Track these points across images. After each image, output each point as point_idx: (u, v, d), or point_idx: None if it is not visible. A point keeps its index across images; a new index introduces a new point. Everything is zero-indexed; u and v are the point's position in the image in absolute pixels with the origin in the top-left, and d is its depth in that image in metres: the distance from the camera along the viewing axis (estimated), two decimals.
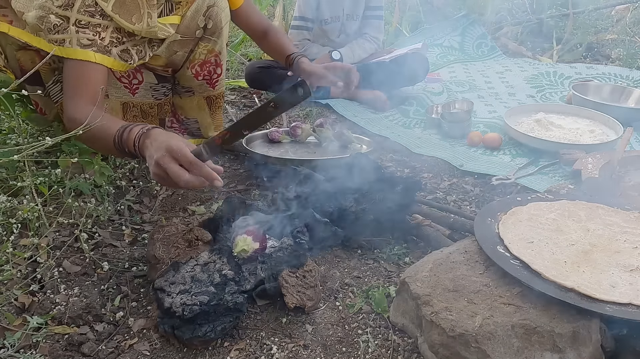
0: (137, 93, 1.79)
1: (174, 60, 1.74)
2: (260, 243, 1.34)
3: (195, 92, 1.88)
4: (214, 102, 1.94)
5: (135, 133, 1.25)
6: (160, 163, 1.13)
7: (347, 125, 2.39)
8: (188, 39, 1.70)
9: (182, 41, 1.69)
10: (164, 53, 1.69)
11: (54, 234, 1.46)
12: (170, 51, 1.70)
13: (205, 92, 1.88)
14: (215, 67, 1.81)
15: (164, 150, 1.14)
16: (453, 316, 1.06)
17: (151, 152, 1.19)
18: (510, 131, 2.26)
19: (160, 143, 1.17)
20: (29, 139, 1.61)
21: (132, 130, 1.27)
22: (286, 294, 1.25)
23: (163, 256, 1.33)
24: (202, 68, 1.78)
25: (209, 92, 1.88)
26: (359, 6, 2.78)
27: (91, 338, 1.19)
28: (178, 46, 1.70)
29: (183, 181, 1.11)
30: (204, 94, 1.89)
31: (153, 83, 1.83)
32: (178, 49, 1.70)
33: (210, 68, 1.80)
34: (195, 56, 1.74)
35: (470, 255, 1.23)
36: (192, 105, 1.90)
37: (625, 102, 2.64)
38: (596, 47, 3.74)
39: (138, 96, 1.79)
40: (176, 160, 1.12)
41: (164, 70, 1.81)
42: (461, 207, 1.77)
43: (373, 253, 1.51)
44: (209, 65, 1.79)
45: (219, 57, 1.79)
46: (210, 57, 1.77)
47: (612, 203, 1.44)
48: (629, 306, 1.03)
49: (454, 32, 3.73)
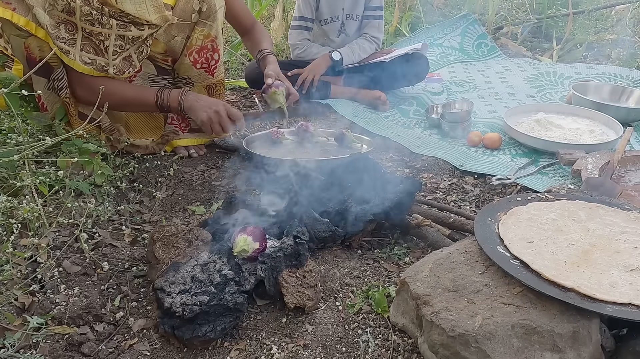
0: (134, 82, 1.84)
1: (173, 47, 1.79)
2: (260, 243, 1.34)
3: (195, 82, 1.90)
4: (215, 90, 1.96)
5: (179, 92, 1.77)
6: (219, 111, 1.74)
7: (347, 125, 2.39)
8: (185, 23, 1.74)
9: (179, 25, 1.75)
10: (162, 37, 1.74)
11: (54, 234, 1.46)
12: (169, 35, 1.75)
13: (205, 80, 1.91)
14: (213, 52, 1.85)
15: (221, 104, 1.77)
16: (453, 316, 1.06)
17: (204, 104, 1.75)
18: (510, 131, 2.26)
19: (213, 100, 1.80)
20: (29, 139, 1.61)
21: (173, 91, 1.78)
22: (286, 294, 1.25)
23: (163, 256, 1.33)
24: (200, 55, 1.83)
25: (209, 79, 1.91)
26: (358, 6, 2.78)
27: (91, 338, 1.19)
28: (175, 30, 1.75)
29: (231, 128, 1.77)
30: (204, 83, 1.92)
31: (152, 74, 1.86)
32: (176, 33, 1.75)
33: (207, 55, 1.84)
34: (192, 42, 1.79)
35: (470, 255, 1.23)
36: None
37: (625, 102, 2.64)
38: (596, 47, 3.74)
39: (134, 84, 1.83)
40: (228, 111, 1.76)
41: (164, 60, 1.84)
42: (461, 207, 1.77)
43: (373, 253, 1.51)
44: (206, 52, 1.83)
45: (215, 41, 1.83)
46: (207, 43, 1.81)
47: (612, 203, 1.44)
48: (629, 306, 1.03)
49: (454, 32, 3.73)
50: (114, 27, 1.57)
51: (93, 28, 1.57)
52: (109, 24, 1.58)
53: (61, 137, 1.43)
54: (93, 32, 1.57)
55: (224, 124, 1.75)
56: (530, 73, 3.20)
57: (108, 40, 1.60)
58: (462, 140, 2.32)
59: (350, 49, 2.72)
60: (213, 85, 1.95)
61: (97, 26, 1.57)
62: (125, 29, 1.61)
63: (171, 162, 1.97)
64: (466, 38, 3.72)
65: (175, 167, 1.94)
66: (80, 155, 1.59)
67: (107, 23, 1.58)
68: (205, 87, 1.95)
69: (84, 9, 1.53)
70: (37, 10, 1.53)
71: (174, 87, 1.95)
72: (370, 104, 2.67)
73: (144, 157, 1.96)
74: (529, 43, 3.86)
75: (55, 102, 1.75)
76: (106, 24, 1.58)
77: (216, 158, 2.08)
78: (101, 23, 1.57)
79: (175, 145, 2.04)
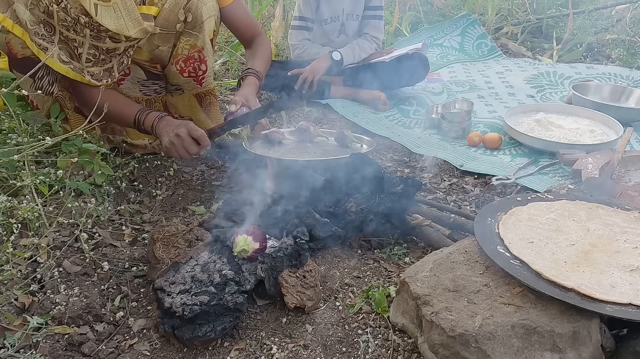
0: (122, 85, 1.81)
1: (159, 55, 1.75)
2: (260, 243, 1.34)
3: (185, 89, 1.88)
4: (204, 99, 1.93)
5: (155, 116, 1.67)
6: (180, 134, 1.58)
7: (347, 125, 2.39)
8: (169, 33, 1.70)
9: (163, 35, 1.70)
10: (145, 46, 1.70)
11: (54, 234, 1.46)
12: (152, 45, 1.70)
13: (194, 89, 1.87)
14: (200, 63, 1.79)
15: (184, 126, 1.59)
16: (453, 316, 1.06)
17: (168, 130, 1.61)
18: (510, 131, 2.26)
19: (179, 123, 1.63)
20: (29, 139, 1.61)
21: (150, 114, 1.68)
22: (286, 294, 1.25)
23: (163, 256, 1.33)
24: (187, 64, 1.77)
25: (197, 89, 1.87)
26: (358, 6, 2.78)
27: (91, 338, 1.19)
28: (159, 40, 1.70)
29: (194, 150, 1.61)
30: (193, 91, 1.89)
31: (142, 79, 1.83)
32: (159, 43, 1.71)
33: (194, 65, 1.79)
34: (177, 51, 1.74)
35: (470, 255, 1.24)
36: (184, 103, 1.90)
37: (625, 102, 2.64)
38: (596, 47, 3.74)
39: (123, 88, 1.81)
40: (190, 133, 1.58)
41: (152, 66, 1.81)
42: (461, 207, 1.77)
43: (373, 253, 1.51)
44: (193, 61, 1.78)
45: (202, 52, 1.77)
46: (193, 53, 1.75)
47: (612, 203, 1.43)
48: (629, 306, 1.03)
49: (454, 32, 3.73)
50: (87, 37, 1.55)
51: (69, 34, 1.54)
52: (83, 32, 1.55)
53: (61, 136, 1.43)
54: (69, 37, 1.55)
55: (187, 147, 1.59)
56: (530, 73, 3.20)
57: (82, 47, 1.57)
58: (462, 140, 2.32)
59: (350, 49, 2.72)
60: (202, 94, 1.91)
61: (72, 32, 1.54)
62: (100, 40, 1.58)
63: (171, 161, 1.97)
64: (466, 38, 3.71)
65: (175, 166, 1.94)
66: (80, 155, 1.59)
67: (81, 32, 1.55)
68: (195, 96, 1.91)
69: (59, 14, 1.52)
70: (18, 6, 1.49)
71: (165, 92, 1.93)
72: (370, 104, 2.66)
73: (144, 156, 1.96)
74: (529, 43, 3.86)
75: (46, 101, 1.73)
76: (80, 32, 1.55)
77: (216, 158, 2.08)
78: (75, 30, 1.55)
79: None
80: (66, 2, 1.51)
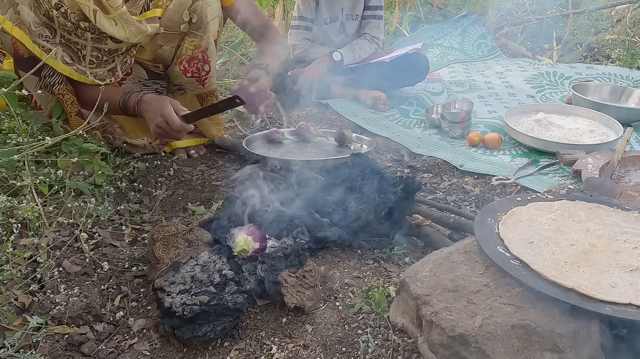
0: (124, 85, 1.81)
1: (162, 55, 1.75)
2: (260, 243, 1.34)
3: (187, 89, 1.88)
4: (206, 100, 1.93)
5: (133, 100, 1.67)
6: (159, 124, 1.61)
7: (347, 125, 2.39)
8: (172, 33, 1.70)
9: (166, 35, 1.70)
10: (148, 46, 1.70)
11: (54, 234, 1.46)
12: (155, 45, 1.71)
13: (196, 89, 1.88)
14: (203, 63, 1.80)
15: (161, 116, 1.59)
16: (453, 316, 1.06)
17: (150, 116, 1.63)
18: (511, 131, 2.26)
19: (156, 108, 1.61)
20: (29, 139, 1.61)
21: (130, 98, 1.68)
22: (286, 294, 1.25)
23: (163, 256, 1.33)
24: (190, 65, 1.78)
25: (199, 89, 1.88)
26: (358, 6, 2.78)
27: (91, 338, 1.19)
28: (162, 40, 1.71)
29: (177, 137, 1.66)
30: (195, 92, 1.89)
31: (143, 78, 1.83)
32: (162, 42, 1.71)
33: (198, 65, 1.80)
34: (182, 51, 1.75)
35: (470, 255, 1.23)
36: (186, 103, 1.90)
37: (625, 102, 2.64)
38: (596, 47, 3.74)
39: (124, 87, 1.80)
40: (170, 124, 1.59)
41: (155, 65, 1.81)
42: (461, 207, 1.77)
43: (373, 253, 1.51)
44: (196, 62, 1.79)
45: (205, 53, 1.78)
46: (197, 53, 1.76)
47: (612, 204, 1.43)
48: (629, 306, 1.03)
49: (454, 32, 3.74)
50: (88, 40, 1.56)
51: (70, 37, 1.55)
52: (84, 36, 1.56)
53: (61, 136, 1.43)
54: (71, 41, 1.56)
55: (170, 136, 1.66)
56: (530, 74, 3.20)
57: (85, 50, 1.58)
58: (462, 140, 2.32)
59: (350, 49, 2.72)
60: (204, 94, 1.91)
61: (73, 36, 1.55)
62: (101, 42, 1.59)
63: (171, 161, 1.97)
64: (466, 38, 3.72)
65: (175, 166, 1.94)
66: (80, 155, 1.59)
67: (82, 35, 1.56)
68: (196, 96, 1.92)
69: (59, 19, 1.53)
70: (22, 7, 1.50)
71: (167, 92, 1.93)
72: (370, 104, 2.67)
73: (143, 156, 1.96)
74: (529, 43, 3.86)
75: (49, 101, 1.74)
76: (81, 36, 1.56)
77: (216, 158, 2.08)
78: (77, 34, 1.56)
79: (175, 147, 2.04)
80: (66, 7, 1.51)
